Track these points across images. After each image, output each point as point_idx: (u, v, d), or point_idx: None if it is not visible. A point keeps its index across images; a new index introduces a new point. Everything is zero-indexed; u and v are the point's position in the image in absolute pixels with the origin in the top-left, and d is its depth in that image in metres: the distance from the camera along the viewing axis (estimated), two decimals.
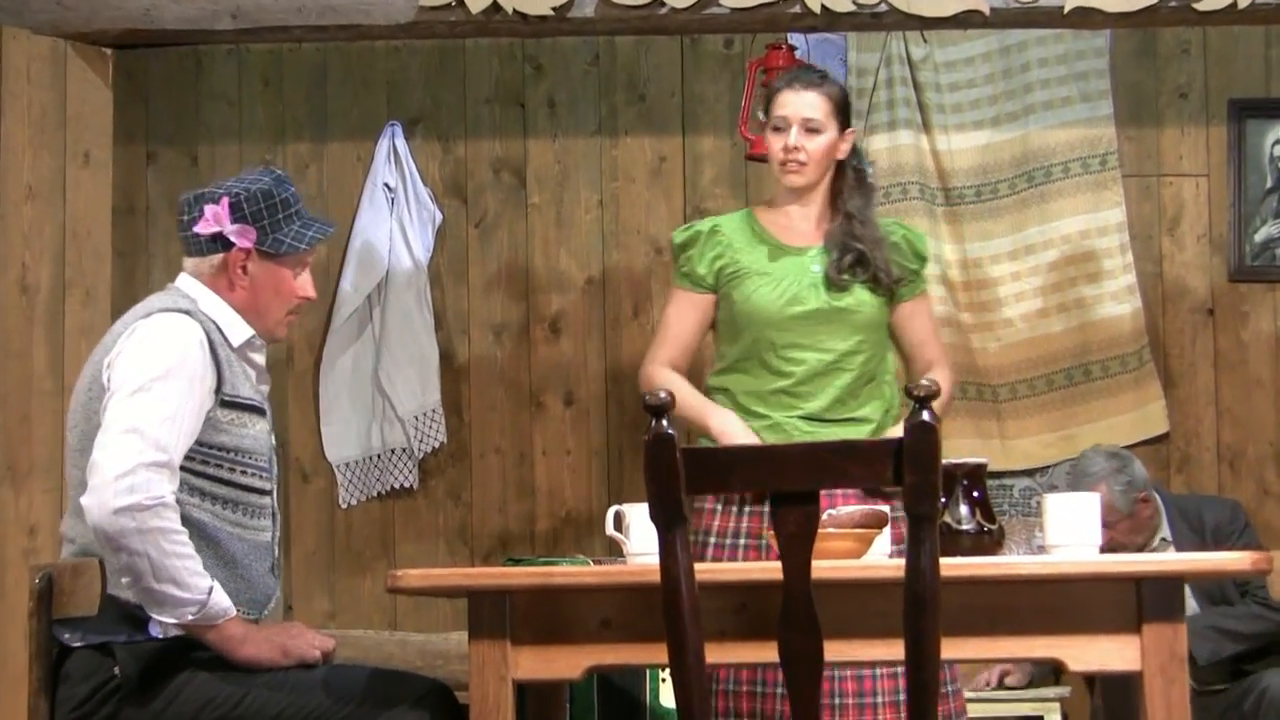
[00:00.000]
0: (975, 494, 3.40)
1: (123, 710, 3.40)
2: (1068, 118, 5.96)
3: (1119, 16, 5.30)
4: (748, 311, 4.35)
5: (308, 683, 3.42)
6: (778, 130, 4.36)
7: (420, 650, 5.38)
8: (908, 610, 2.73)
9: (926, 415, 2.69)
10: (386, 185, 6.02)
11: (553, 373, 6.05)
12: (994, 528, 3.39)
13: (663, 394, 2.75)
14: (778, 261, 4.38)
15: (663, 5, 5.28)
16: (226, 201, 3.58)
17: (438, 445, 6.03)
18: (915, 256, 4.46)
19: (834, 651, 2.85)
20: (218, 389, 3.50)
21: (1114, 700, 3.75)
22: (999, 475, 5.84)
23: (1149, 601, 3.10)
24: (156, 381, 3.40)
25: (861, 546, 3.29)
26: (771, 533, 2.82)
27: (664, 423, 2.75)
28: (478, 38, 5.90)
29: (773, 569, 2.85)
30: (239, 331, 3.60)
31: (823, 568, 2.87)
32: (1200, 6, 5.21)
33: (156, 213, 6.08)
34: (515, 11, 5.29)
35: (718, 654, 3.02)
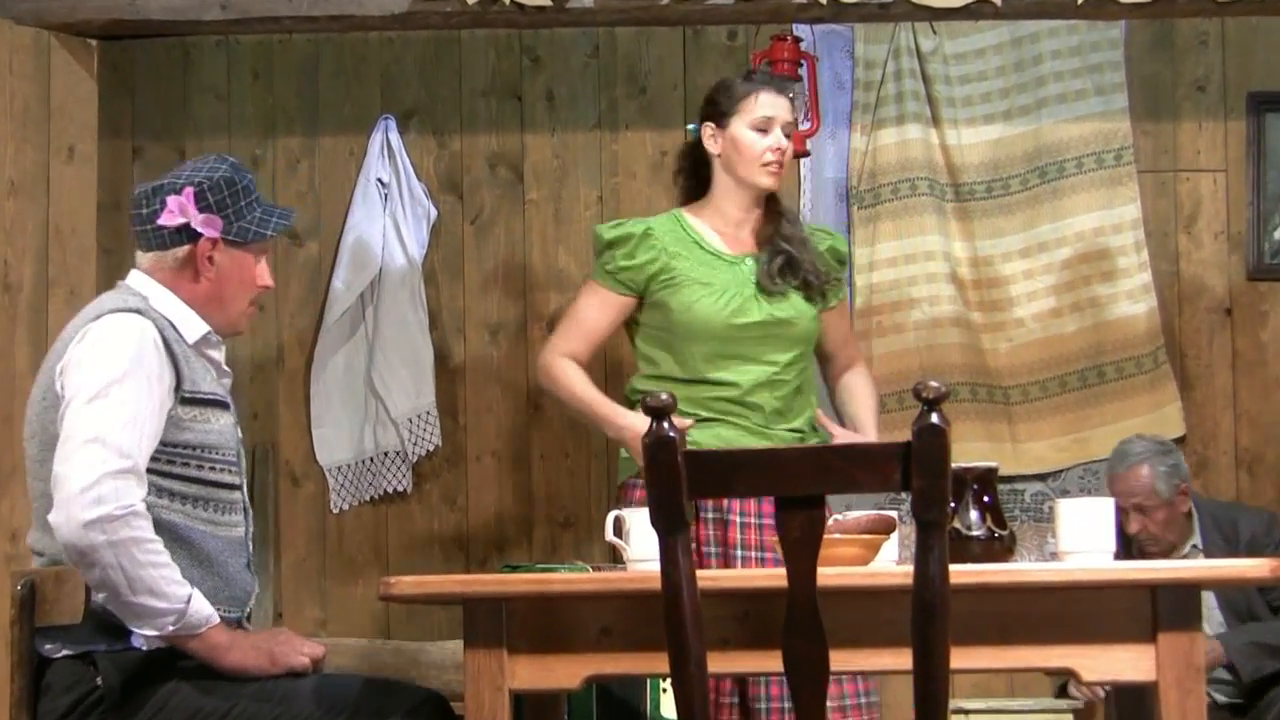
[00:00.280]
0: (986, 499, 3.39)
1: None
2: (1081, 111, 5.94)
3: (1134, 7, 5.29)
4: (688, 322, 4.44)
5: (297, 693, 3.39)
6: (760, 130, 4.47)
7: (414, 659, 5.41)
8: (916, 618, 2.72)
9: (935, 417, 2.67)
10: (380, 180, 6.01)
11: None
12: (1005, 533, 3.38)
13: (664, 395, 2.74)
14: (716, 270, 4.48)
15: None
16: (191, 191, 3.55)
17: (432, 448, 6.01)
18: (838, 263, 4.65)
19: (840, 660, 2.84)
20: (177, 386, 3.47)
21: (1129, 711, 3.74)
22: (1010, 480, 5.84)
23: (1165, 610, 3.08)
24: (114, 385, 3.38)
25: (868, 553, 3.27)
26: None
27: (665, 425, 2.74)
28: (474, 29, 5.89)
29: (777, 575, 2.84)
30: (193, 328, 3.58)
31: (829, 574, 2.85)
32: None
33: None
34: (512, 2, 5.31)
35: (720, 663, 3.01)
